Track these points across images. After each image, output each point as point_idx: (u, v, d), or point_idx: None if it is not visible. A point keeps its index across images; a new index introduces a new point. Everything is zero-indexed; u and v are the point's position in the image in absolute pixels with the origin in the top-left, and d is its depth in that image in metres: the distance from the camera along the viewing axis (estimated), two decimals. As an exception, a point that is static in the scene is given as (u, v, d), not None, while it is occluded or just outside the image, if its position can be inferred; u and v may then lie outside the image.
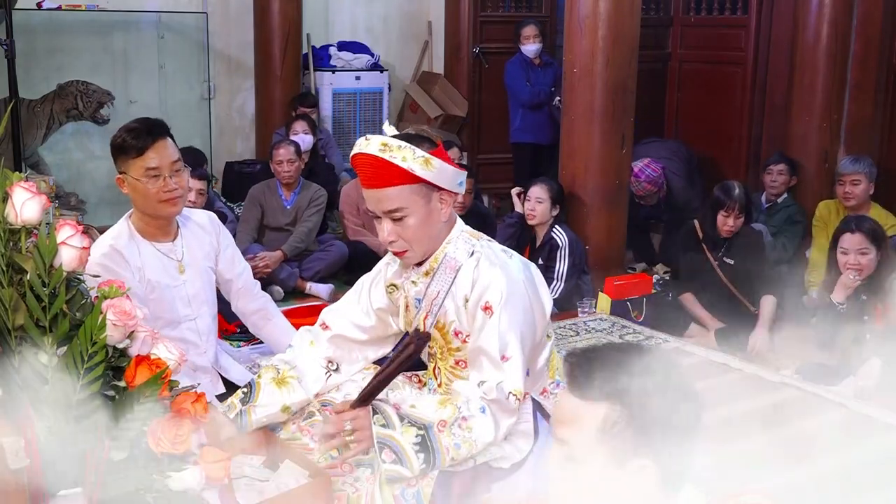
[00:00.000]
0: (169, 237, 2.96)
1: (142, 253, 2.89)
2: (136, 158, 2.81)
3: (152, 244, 2.92)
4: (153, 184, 2.81)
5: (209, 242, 3.07)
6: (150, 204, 2.85)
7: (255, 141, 7.01)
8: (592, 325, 4.54)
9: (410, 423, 2.20)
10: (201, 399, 1.77)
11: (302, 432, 2.48)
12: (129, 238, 2.90)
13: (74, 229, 1.75)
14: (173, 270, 2.95)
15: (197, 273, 3.00)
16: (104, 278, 2.73)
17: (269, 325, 3.24)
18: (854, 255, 3.82)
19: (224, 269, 3.13)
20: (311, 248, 5.37)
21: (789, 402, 3.54)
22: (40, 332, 1.67)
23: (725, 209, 4.40)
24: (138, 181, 2.81)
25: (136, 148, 2.81)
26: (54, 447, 1.65)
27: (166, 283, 2.92)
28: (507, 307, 2.25)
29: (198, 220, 3.08)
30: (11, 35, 4.33)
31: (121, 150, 2.84)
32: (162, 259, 2.93)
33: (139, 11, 6.39)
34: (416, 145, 2.26)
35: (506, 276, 2.28)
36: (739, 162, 6.51)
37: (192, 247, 3.01)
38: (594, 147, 5.03)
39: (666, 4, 6.95)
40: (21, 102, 5.09)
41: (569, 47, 5.05)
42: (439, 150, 2.31)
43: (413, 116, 7.52)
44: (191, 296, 2.98)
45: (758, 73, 6.34)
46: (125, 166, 2.84)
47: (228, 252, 3.14)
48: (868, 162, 5.01)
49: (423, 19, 7.66)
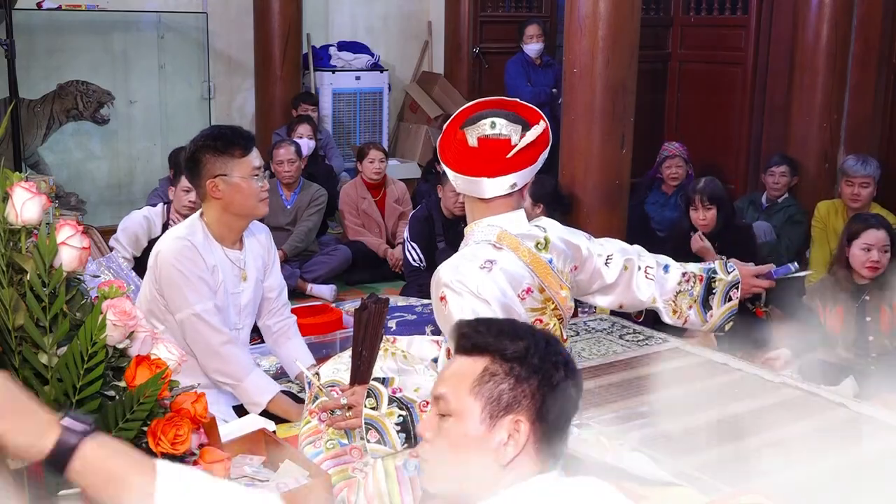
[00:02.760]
0: (238, 245, 3.02)
1: (215, 255, 2.94)
2: (243, 158, 2.89)
3: (223, 249, 2.97)
4: (257, 182, 2.89)
5: (262, 256, 3.14)
6: (249, 204, 2.90)
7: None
8: (593, 325, 4.54)
9: (397, 405, 2.27)
10: (201, 399, 1.77)
11: (311, 415, 2.54)
12: (204, 237, 2.94)
13: (74, 229, 1.75)
14: (237, 278, 3.01)
15: (252, 284, 3.07)
16: (184, 270, 2.82)
17: (289, 343, 3.28)
18: (877, 252, 3.74)
19: (269, 285, 3.19)
20: (311, 248, 5.37)
21: (789, 402, 3.54)
22: (40, 332, 1.67)
23: (693, 204, 4.42)
24: (242, 181, 2.86)
25: (243, 147, 2.90)
26: (54, 447, 1.65)
27: (230, 289, 2.98)
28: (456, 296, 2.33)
29: (257, 233, 3.13)
30: (11, 35, 4.33)
31: (222, 152, 2.88)
32: (230, 265, 2.99)
33: (139, 11, 6.39)
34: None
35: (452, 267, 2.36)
36: (739, 162, 6.51)
37: (251, 258, 3.07)
38: (594, 147, 5.02)
39: (666, 4, 6.95)
40: (21, 102, 5.09)
41: (569, 47, 5.05)
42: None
43: (413, 116, 7.52)
44: (243, 305, 3.05)
45: (758, 73, 6.34)
46: (226, 167, 2.87)
47: (276, 269, 3.22)
48: (875, 164, 5.01)
49: (423, 19, 7.67)
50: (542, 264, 2.47)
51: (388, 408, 2.26)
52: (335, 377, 2.59)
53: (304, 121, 6.11)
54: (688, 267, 2.73)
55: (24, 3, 5.43)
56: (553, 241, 2.53)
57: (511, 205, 2.48)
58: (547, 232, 2.54)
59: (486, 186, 2.41)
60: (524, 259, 2.43)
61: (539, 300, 2.47)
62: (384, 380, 2.41)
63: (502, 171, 2.40)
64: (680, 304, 2.67)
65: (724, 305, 2.67)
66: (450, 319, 2.32)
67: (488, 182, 2.40)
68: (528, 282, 2.44)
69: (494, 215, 2.46)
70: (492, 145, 2.40)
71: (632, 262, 2.68)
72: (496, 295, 2.33)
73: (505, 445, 1.39)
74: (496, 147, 2.40)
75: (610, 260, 2.66)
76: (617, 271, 2.65)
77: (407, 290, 4.84)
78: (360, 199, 5.70)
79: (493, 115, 2.43)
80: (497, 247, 2.42)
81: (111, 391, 1.73)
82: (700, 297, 2.67)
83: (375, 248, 5.53)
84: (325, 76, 7.03)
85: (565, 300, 2.52)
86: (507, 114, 2.46)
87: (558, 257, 2.52)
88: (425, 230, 4.92)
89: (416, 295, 4.56)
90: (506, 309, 2.35)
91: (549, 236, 2.53)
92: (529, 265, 2.44)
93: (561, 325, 2.57)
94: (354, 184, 5.76)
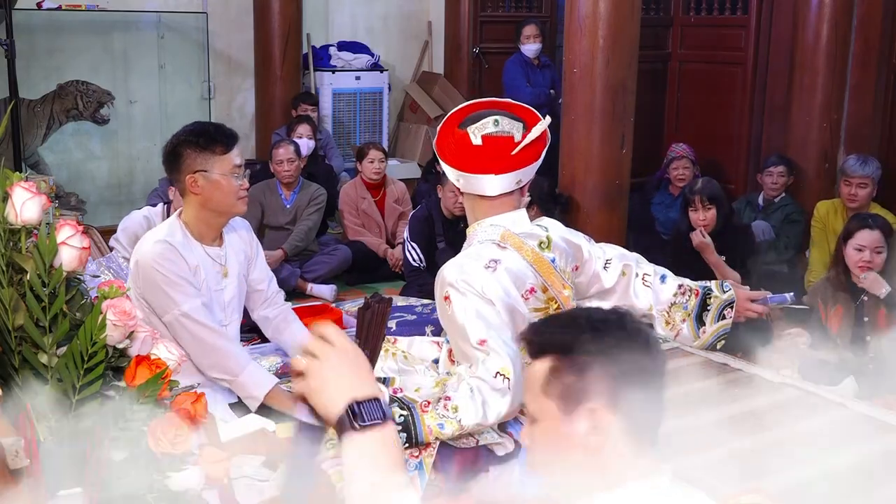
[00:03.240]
0: (218, 242, 3.02)
1: (195, 254, 2.94)
2: (224, 155, 2.88)
3: (203, 247, 2.97)
4: (237, 180, 2.89)
5: (244, 251, 3.14)
6: (227, 202, 2.91)
7: (255, 141, 7.01)
8: (592, 325, 4.53)
9: (398, 405, 2.26)
10: (201, 399, 1.77)
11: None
12: (183, 237, 2.94)
13: (74, 229, 1.75)
14: (218, 275, 3.01)
15: (234, 280, 3.07)
16: (167, 273, 2.82)
17: (290, 328, 3.28)
18: (870, 253, 3.75)
19: (256, 278, 3.20)
20: (311, 248, 5.38)
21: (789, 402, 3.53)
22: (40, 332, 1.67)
23: (692, 205, 4.42)
24: (222, 178, 2.87)
25: (225, 145, 2.89)
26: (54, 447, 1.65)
27: (213, 287, 2.98)
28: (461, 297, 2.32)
29: (237, 229, 3.13)
30: (11, 35, 4.33)
31: (204, 148, 2.88)
32: (210, 262, 2.99)
33: (139, 11, 6.39)
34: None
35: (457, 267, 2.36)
36: (739, 162, 6.50)
37: (232, 254, 3.07)
38: (594, 147, 5.02)
39: (666, 4, 6.95)
40: (21, 102, 5.09)
41: (569, 47, 5.05)
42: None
43: (413, 116, 7.52)
44: (226, 302, 3.04)
45: (758, 73, 6.34)
46: (206, 164, 2.87)
47: (260, 261, 3.21)
48: (875, 165, 5.00)
49: (423, 19, 7.66)
50: (545, 263, 2.47)
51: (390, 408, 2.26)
52: None
53: (303, 121, 6.11)
54: (684, 280, 2.73)
55: (24, 3, 5.43)
56: (555, 240, 2.53)
57: (513, 203, 2.49)
58: (549, 231, 2.54)
59: (492, 183, 2.42)
60: (528, 258, 2.44)
61: (542, 300, 2.47)
62: (385, 380, 2.41)
63: (508, 168, 2.41)
64: (674, 315, 2.67)
65: (717, 323, 2.68)
66: (453, 319, 2.32)
67: (495, 179, 2.41)
68: (531, 281, 2.44)
69: (497, 214, 2.46)
70: (497, 142, 2.41)
71: (630, 268, 2.68)
72: (500, 295, 2.33)
73: (589, 436, 1.39)
74: (501, 144, 2.41)
75: (609, 264, 2.67)
76: (615, 276, 2.66)
77: (407, 290, 4.83)
78: (360, 199, 5.70)
79: (495, 114, 2.44)
80: (501, 246, 2.42)
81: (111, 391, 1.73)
82: (694, 311, 2.67)
83: (375, 248, 5.53)
84: (325, 76, 7.02)
85: (568, 300, 2.53)
86: (506, 112, 2.47)
87: (560, 256, 2.53)
88: (425, 230, 4.92)
89: (416, 295, 4.55)
90: (509, 309, 2.36)
91: (552, 235, 2.54)
92: (533, 264, 2.45)
93: None
94: (354, 184, 5.76)
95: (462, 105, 2.59)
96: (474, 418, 2.22)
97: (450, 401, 2.22)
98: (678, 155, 5.91)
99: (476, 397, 2.22)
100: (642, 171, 6.12)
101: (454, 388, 2.25)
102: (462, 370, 2.31)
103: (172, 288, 2.85)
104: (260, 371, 3.02)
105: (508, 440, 2.40)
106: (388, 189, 5.78)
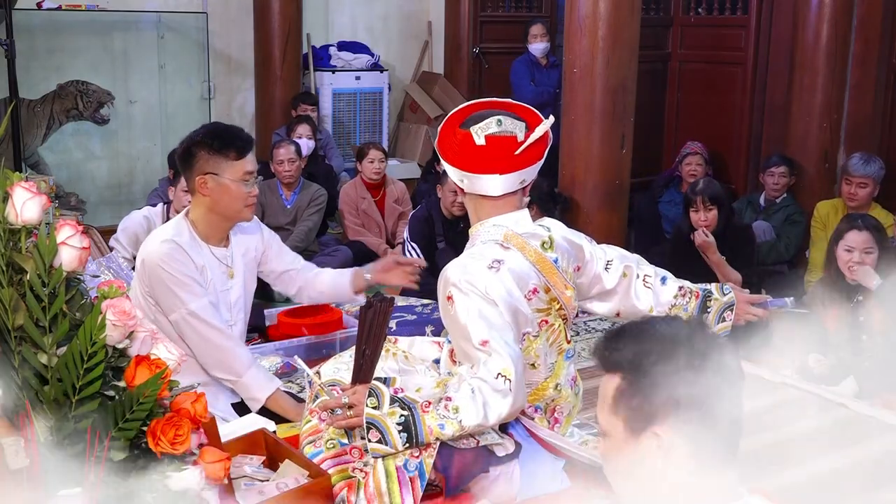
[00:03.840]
0: (224, 243, 3.03)
1: (202, 254, 2.95)
2: (236, 161, 2.88)
3: (209, 247, 2.97)
4: (247, 187, 2.88)
5: (254, 247, 3.14)
6: (234, 207, 2.91)
7: (255, 141, 7.00)
8: (593, 325, 4.54)
9: (399, 405, 2.26)
10: (201, 399, 1.77)
11: (312, 415, 2.53)
12: (190, 237, 2.95)
13: (74, 229, 1.75)
14: (224, 276, 3.01)
15: (241, 280, 3.07)
16: (174, 272, 2.82)
17: (323, 274, 3.29)
18: (859, 254, 3.75)
19: (276, 264, 3.20)
20: (311, 248, 5.37)
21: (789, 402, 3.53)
22: (40, 332, 1.67)
23: (694, 206, 4.43)
24: (232, 183, 2.86)
25: (239, 150, 2.88)
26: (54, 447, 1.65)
27: (219, 287, 2.99)
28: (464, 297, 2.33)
29: (243, 228, 3.12)
30: (11, 35, 4.33)
31: (217, 151, 2.87)
32: (217, 263, 2.99)
33: (139, 11, 6.39)
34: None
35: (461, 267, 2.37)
36: (739, 162, 6.50)
37: (239, 254, 3.08)
38: (594, 147, 5.02)
39: (666, 4, 6.95)
40: (21, 102, 5.09)
41: (569, 47, 5.05)
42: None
43: (413, 116, 7.52)
44: (232, 302, 3.05)
45: (758, 73, 6.34)
46: (218, 167, 2.87)
47: (275, 247, 3.22)
48: (879, 164, 4.99)
49: (423, 19, 7.66)
50: (547, 264, 2.47)
51: (389, 407, 2.25)
52: (336, 376, 2.59)
53: (303, 121, 6.11)
54: (685, 282, 2.74)
55: (24, 3, 5.43)
56: (557, 240, 2.53)
57: (516, 204, 2.49)
58: (551, 231, 2.55)
59: (496, 184, 2.42)
60: (530, 259, 2.44)
61: (545, 300, 2.48)
62: (385, 380, 2.41)
63: (512, 168, 2.41)
64: None
65: (717, 325, 2.68)
66: (456, 319, 2.32)
67: (499, 179, 2.41)
68: (534, 282, 2.44)
69: (500, 215, 2.47)
70: (500, 142, 2.41)
71: (631, 269, 2.69)
72: (503, 295, 2.34)
73: (656, 459, 1.35)
74: (505, 144, 2.41)
75: (610, 265, 2.67)
76: (616, 277, 2.66)
77: (407, 290, 4.83)
78: (360, 199, 5.70)
79: (496, 114, 2.44)
80: (505, 246, 2.42)
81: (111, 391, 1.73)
82: (694, 313, 2.67)
83: (375, 248, 5.53)
84: (325, 76, 7.02)
85: (570, 300, 2.53)
86: (507, 112, 2.47)
87: (563, 256, 2.53)
88: (425, 230, 4.91)
89: (416, 295, 4.55)
90: (512, 310, 2.36)
91: (554, 235, 2.54)
92: (536, 265, 2.45)
93: (565, 326, 2.57)
94: (354, 184, 5.76)
95: (462, 105, 2.59)
96: (475, 419, 2.22)
97: (451, 401, 2.22)
98: (692, 151, 5.89)
99: (477, 398, 2.21)
100: (642, 171, 6.12)
101: (455, 388, 2.24)
102: (463, 371, 2.30)
103: (180, 287, 2.86)
104: (263, 373, 3.02)
105: (509, 441, 2.40)
106: (387, 189, 5.78)
